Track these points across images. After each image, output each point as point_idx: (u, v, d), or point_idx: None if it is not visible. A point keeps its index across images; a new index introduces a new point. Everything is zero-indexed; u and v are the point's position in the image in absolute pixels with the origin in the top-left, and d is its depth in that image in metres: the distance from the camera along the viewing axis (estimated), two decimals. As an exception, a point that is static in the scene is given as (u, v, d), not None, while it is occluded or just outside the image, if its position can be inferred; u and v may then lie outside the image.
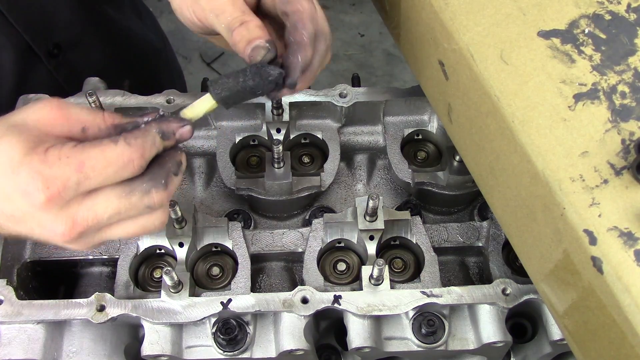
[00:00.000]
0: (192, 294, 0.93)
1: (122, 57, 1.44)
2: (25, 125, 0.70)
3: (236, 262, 0.98)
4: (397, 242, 1.02)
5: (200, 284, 1.00)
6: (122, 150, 0.69)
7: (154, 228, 0.76)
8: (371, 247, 0.98)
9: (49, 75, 1.26)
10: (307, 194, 1.06)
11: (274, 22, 0.86)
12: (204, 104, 0.77)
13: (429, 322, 0.92)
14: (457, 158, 1.02)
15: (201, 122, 1.10)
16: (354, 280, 1.00)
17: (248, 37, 0.79)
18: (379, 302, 0.91)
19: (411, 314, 0.93)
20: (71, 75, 1.28)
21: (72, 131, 0.71)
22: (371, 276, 0.91)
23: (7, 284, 0.91)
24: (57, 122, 0.71)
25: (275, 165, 1.03)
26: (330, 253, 1.03)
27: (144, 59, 1.55)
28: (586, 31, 0.79)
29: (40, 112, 0.71)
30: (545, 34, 0.79)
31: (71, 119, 0.71)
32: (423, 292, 0.91)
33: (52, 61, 1.26)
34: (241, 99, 0.78)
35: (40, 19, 1.21)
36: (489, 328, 0.92)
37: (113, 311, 0.90)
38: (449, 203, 1.11)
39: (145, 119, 0.73)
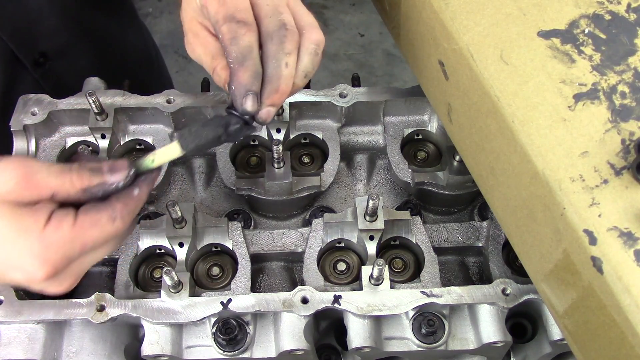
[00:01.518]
0: (192, 294, 0.93)
1: (110, 66, 1.42)
2: None
3: (236, 262, 0.98)
4: (397, 242, 1.02)
5: (200, 284, 1.00)
6: (118, 226, 0.74)
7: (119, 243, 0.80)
8: (371, 247, 0.98)
9: (35, 84, 1.25)
10: (307, 194, 1.06)
11: None
12: (171, 153, 0.79)
13: (429, 322, 0.92)
14: (457, 158, 1.02)
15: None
16: (354, 280, 1.00)
17: (219, 82, 0.83)
18: (379, 302, 0.91)
19: (411, 314, 0.93)
20: (58, 84, 1.26)
21: (42, 198, 0.72)
22: (371, 276, 0.91)
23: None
24: (26, 191, 0.71)
25: (275, 165, 1.03)
26: (330, 253, 1.03)
27: (134, 69, 1.54)
28: (586, 31, 0.79)
29: (9, 183, 0.70)
30: (545, 34, 0.79)
31: (40, 186, 0.71)
32: (423, 292, 0.91)
33: (38, 70, 1.25)
34: (206, 147, 0.80)
35: (25, 27, 1.20)
36: (489, 328, 0.92)
37: (113, 311, 0.90)
38: (449, 203, 1.11)
39: (113, 179, 0.74)
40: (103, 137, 1.06)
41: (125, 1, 1.55)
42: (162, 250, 1.00)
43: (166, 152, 0.79)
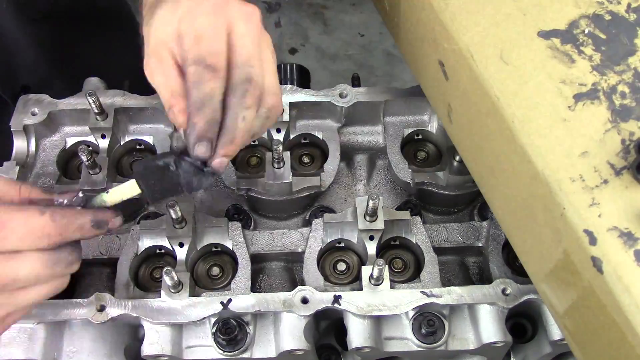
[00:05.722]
0: (192, 294, 0.93)
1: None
2: None
3: (236, 262, 0.98)
4: (397, 242, 1.02)
5: (200, 284, 1.00)
6: (45, 223, 0.70)
7: (62, 288, 0.77)
8: (371, 247, 0.98)
9: None
10: (307, 194, 1.06)
11: None
12: (128, 191, 0.79)
13: (429, 322, 0.92)
14: (457, 158, 1.02)
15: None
16: (354, 280, 1.00)
17: (174, 121, 0.80)
18: (379, 302, 0.90)
19: (411, 314, 0.93)
20: None
21: None
22: (371, 276, 0.91)
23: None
24: None
25: (275, 165, 1.03)
26: (330, 253, 1.02)
27: (131, 84, 1.50)
28: (586, 31, 0.79)
29: None
30: (545, 34, 0.79)
31: None
32: (423, 292, 0.91)
33: None
34: (166, 196, 0.78)
35: (4, 61, 1.18)
36: (489, 328, 0.92)
37: (113, 311, 0.90)
38: (449, 203, 1.11)
39: (61, 200, 0.75)
40: (103, 137, 1.06)
41: (122, 21, 1.49)
42: (162, 250, 1.00)
43: (122, 192, 0.79)
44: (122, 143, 1.10)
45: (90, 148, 1.04)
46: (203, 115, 0.75)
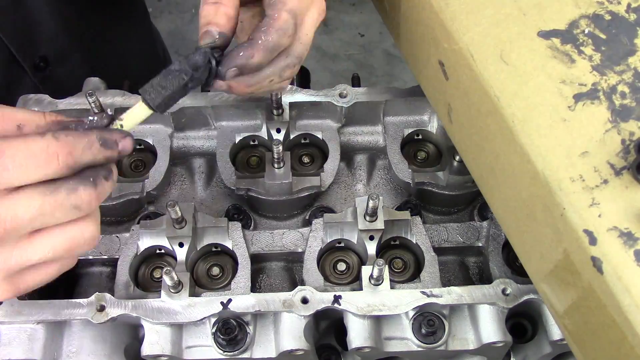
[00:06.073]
0: (192, 294, 0.93)
1: (113, 73, 1.35)
2: None
3: (236, 262, 0.98)
4: (397, 242, 1.02)
5: (200, 284, 1.00)
6: (48, 143, 0.62)
7: (84, 242, 0.68)
8: (371, 247, 0.98)
9: (35, 89, 1.23)
10: (307, 194, 1.06)
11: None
12: (139, 112, 0.75)
13: (429, 322, 0.92)
14: (457, 158, 1.02)
15: (201, 122, 1.11)
16: (354, 280, 1.00)
17: (210, 18, 0.78)
18: (379, 302, 0.91)
19: (411, 314, 0.93)
20: (57, 90, 1.22)
21: (7, 129, 0.66)
22: (371, 276, 0.91)
23: (7, 284, 0.91)
24: None
25: (275, 165, 1.03)
26: (330, 253, 1.03)
27: (138, 75, 1.52)
28: (586, 31, 0.79)
29: None
30: (545, 34, 0.79)
31: (4, 117, 0.66)
32: (423, 292, 0.91)
33: (38, 74, 1.23)
34: (175, 99, 0.76)
35: (25, 29, 1.19)
36: (489, 328, 0.92)
37: (113, 311, 0.90)
38: (449, 203, 1.11)
39: (91, 118, 0.70)
40: (103, 137, 1.06)
41: (136, 5, 1.53)
42: (162, 250, 1.00)
43: (134, 115, 0.75)
44: (122, 143, 1.10)
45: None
46: (258, 56, 0.78)
